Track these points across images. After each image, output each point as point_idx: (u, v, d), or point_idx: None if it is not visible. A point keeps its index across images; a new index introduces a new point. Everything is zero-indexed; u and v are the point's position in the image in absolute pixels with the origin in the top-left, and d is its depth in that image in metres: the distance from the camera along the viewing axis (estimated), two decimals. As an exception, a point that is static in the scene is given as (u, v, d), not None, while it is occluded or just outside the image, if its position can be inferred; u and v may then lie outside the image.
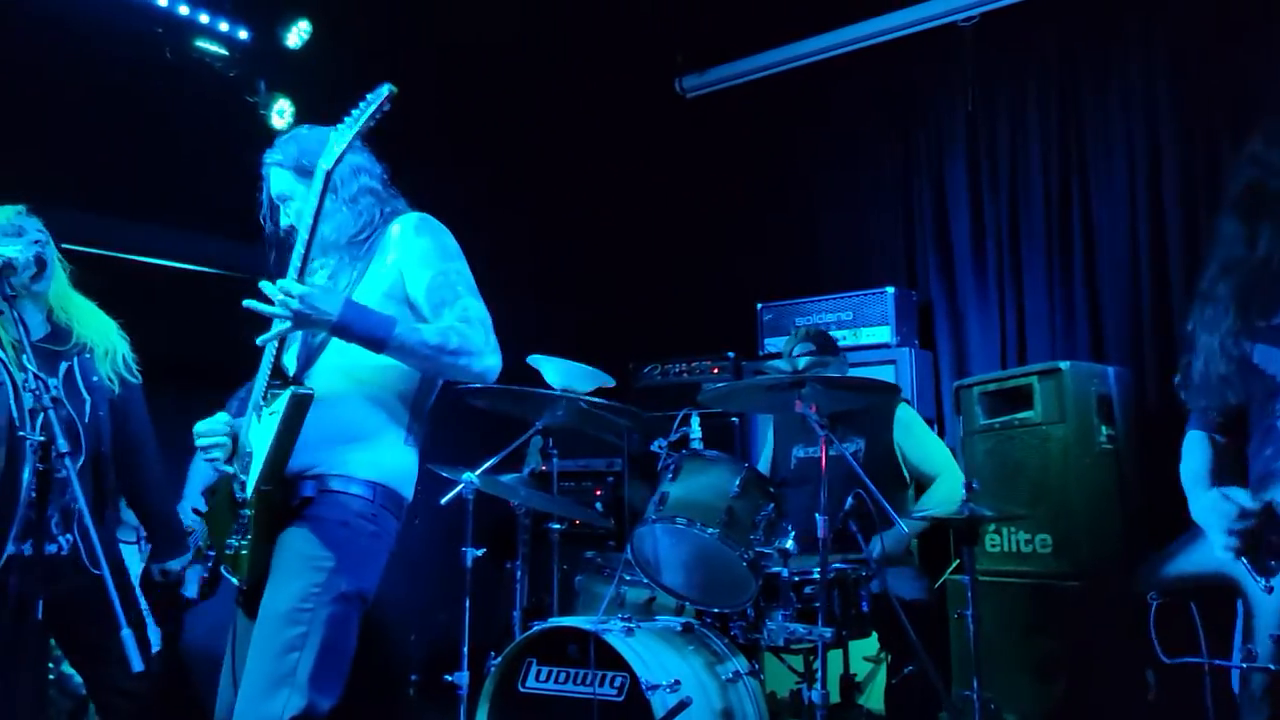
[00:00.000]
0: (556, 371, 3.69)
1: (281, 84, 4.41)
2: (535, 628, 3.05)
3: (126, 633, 1.96)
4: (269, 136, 4.45)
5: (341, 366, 2.20)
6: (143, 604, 2.11)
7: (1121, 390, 3.72)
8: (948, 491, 3.48)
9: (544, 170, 5.39)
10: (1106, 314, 4.44)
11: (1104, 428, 3.60)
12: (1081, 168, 4.57)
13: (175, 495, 3.17)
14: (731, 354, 5.00)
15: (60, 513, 2.61)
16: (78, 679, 3.14)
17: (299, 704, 2.00)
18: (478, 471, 3.26)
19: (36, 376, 2.30)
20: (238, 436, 2.23)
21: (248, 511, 2.12)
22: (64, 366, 2.70)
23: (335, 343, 2.18)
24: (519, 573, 3.61)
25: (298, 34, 4.40)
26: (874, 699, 3.62)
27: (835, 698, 2.86)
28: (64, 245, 2.82)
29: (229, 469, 2.21)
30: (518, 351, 3.70)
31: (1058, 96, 4.68)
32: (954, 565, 3.80)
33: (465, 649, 3.26)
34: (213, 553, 2.33)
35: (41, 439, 2.29)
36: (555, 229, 5.43)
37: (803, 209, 5.50)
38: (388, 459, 2.22)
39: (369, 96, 2.07)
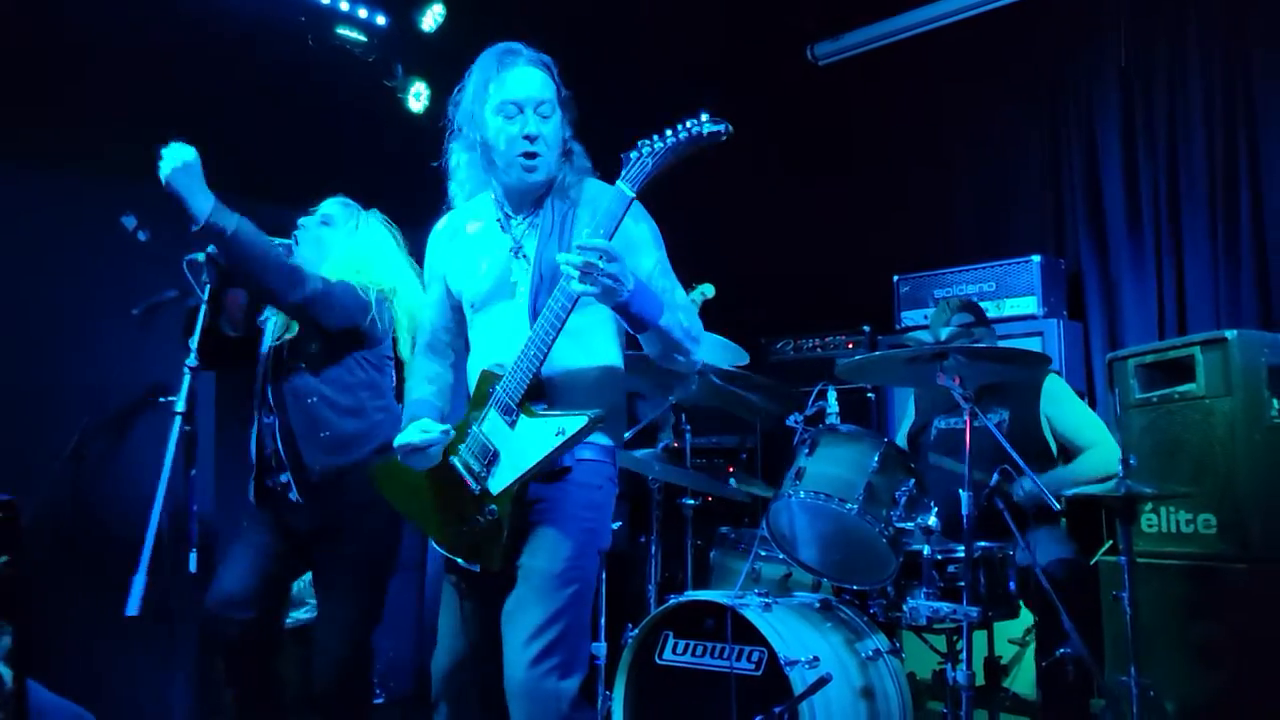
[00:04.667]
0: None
1: (418, 67, 4.51)
2: (672, 601, 3.06)
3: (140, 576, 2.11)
4: (406, 120, 4.57)
5: (576, 349, 2.23)
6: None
7: (1296, 361, 3.46)
8: (1098, 462, 3.32)
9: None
10: (1278, 280, 4.15)
11: (1275, 401, 3.36)
12: (1249, 120, 4.27)
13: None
14: (867, 327, 4.89)
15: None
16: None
17: (583, 648, 2.14)
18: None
19: None
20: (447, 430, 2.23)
21: (495, 507, 2.14)
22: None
23: (566, 330, 2.15)
24: (653, 547, 3.63)
25: (432, 17, 4.49)
26: (1020, 682, 3.49)
27: (980, 680, 2.76)
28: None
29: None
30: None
31: (1222, 45, 4.36)
32: (1107, 545, 3.63)
33: (603, 620, 3.30)
34: None
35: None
36: (685, 201, 5.39)
37: (941, 176, 5.32)
38: (619, 423, 2.36)
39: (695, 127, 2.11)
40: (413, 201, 4.30)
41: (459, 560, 2.23)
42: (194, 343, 2.66)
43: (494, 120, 2.19)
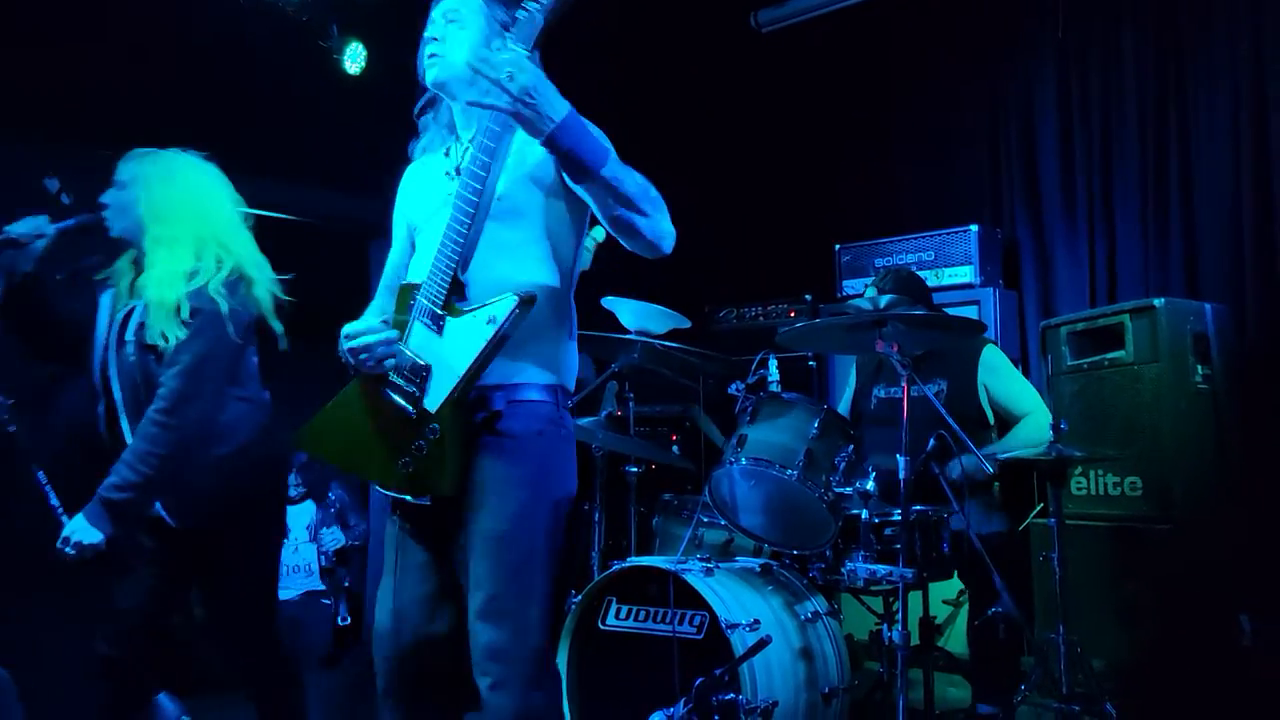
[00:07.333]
0: (631, 313, 3.67)
1: (354, 28, 4.40)
2: (615, 567, 3.08)
3: None
4: (342, 82, 4.41)
5: (500, 263, 2.05)
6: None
7: (1219, 328, 3.57)
8: (1034, 429, 3.40)
9: (615, 108, 5.30)
10: (1203, 250, 4.26)
11: (1200, 367, 3.47)
12: (1179, 95, 4.36)
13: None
14: (809, 296, 4.92)
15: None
16: None
17: (542, 609, 2.02)
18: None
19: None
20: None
21: (436, 425, 1.99)
22: (127, 309, 2.69)
23: (488, 236, 2.04)
24: (596, 514, 3.64)
25: (369, -24, 4.37)
26: (953, 642, 3.59)
27: (915, 639, 2.83)
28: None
29: (389, 370, 2.05)
30: (592, 294, 3.70)
31: (1154, 20, 4.45)
32: (1038, 509, 3.73)
33: (545, 587, 3.30)
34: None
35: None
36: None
37: (882, 146, 5.36)
38: (560, 357, 2.13)
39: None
40: (348, 167, 4.23)
41: (407, 499, 2.09)
42: None
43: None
